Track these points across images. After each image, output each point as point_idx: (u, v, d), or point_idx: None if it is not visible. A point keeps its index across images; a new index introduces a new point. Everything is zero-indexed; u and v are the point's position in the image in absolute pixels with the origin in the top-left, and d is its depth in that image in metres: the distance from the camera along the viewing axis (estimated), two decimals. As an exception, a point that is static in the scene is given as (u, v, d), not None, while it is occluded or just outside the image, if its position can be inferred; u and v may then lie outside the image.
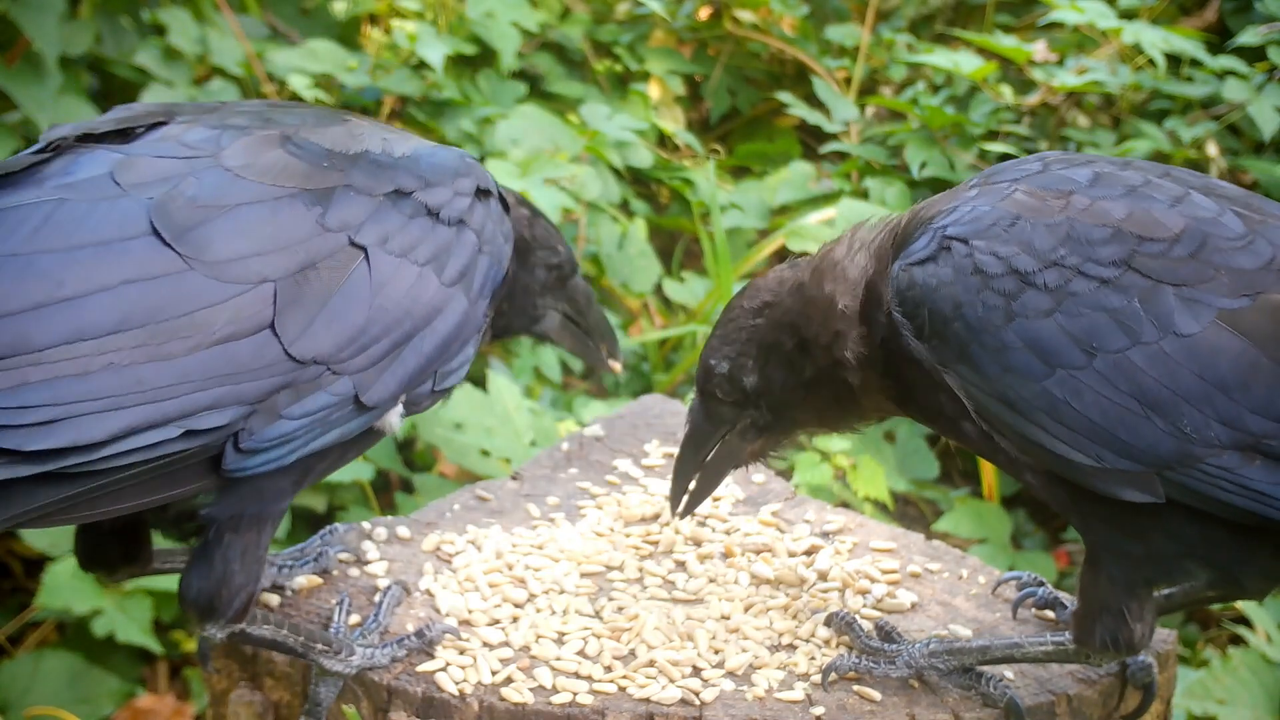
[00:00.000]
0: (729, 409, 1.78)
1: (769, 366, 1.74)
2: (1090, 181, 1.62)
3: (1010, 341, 1.55)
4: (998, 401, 1.57)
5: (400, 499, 3.31)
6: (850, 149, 4.37)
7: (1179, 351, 1.52)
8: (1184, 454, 1.51)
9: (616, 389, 3.92)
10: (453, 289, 1.67)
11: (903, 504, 3.64)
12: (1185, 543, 1.57)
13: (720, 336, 1.77)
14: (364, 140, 1.67)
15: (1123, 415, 1.53)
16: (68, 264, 1.44)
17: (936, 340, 1.60)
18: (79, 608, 3.06)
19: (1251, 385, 1.50)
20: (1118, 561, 1.61)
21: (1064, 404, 1.54)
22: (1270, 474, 1.50)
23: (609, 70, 4.68)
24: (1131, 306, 1.53)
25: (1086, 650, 1.66)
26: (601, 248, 4.05)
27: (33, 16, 3.41)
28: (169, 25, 3.92)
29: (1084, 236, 1.56)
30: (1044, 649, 1.69)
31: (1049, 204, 1.60)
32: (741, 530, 2.03)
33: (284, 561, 1.90)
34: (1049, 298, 1.55)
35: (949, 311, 1.58)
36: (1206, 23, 4.87)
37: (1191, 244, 1.55)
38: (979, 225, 1.60)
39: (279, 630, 1.70)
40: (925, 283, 1.60)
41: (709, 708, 1.66)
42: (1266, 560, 1.58)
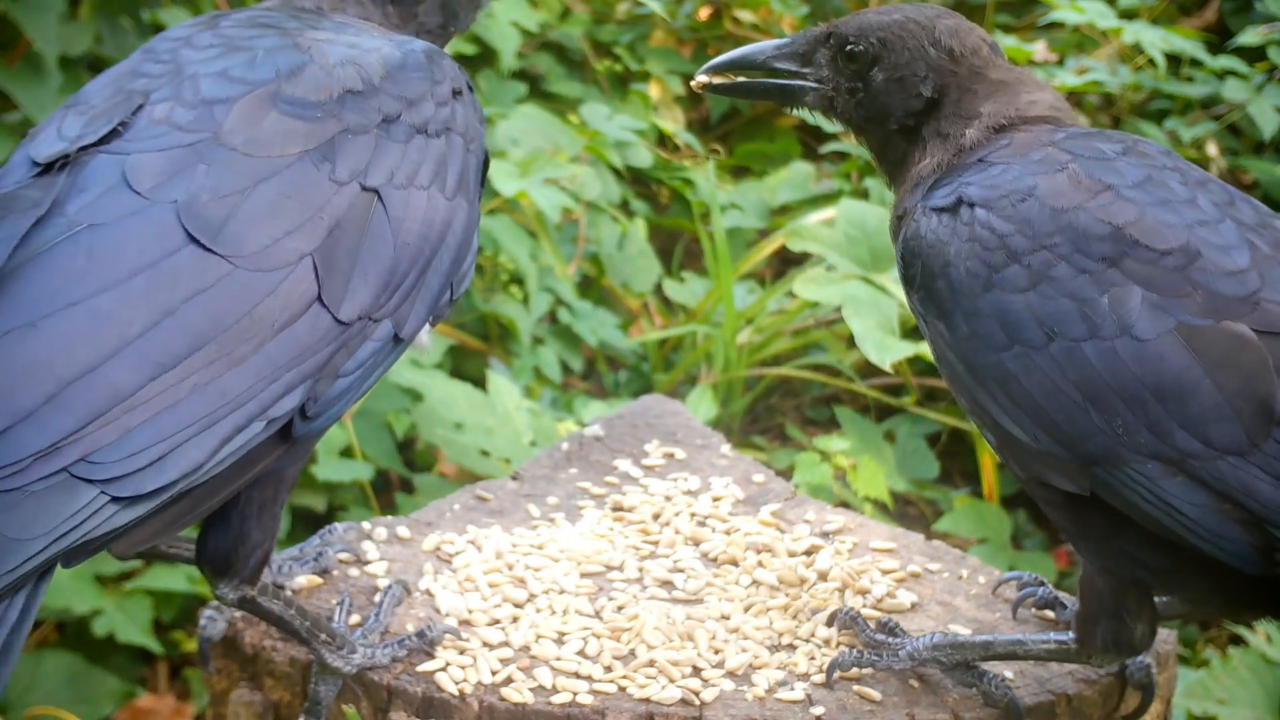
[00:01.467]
0: (829, 69, 1.81)
1: (896, 83, 1.78)
2: (1136, 182, 1.63)
3: (982, 309, 1.59)
4: (961, 362, 1.62)
5: (400, 499, 3.31)
6: (850, 149, 4.37)
7: (1129, 352, 1.53)
8: (1111, 452, 1.53)
9: (616, 389, 3.92)
10: (455, 200, 1.68)
11: (903, 504, 3.64)
12: (1121, 541, 1.59)
13: (899, 28, 1.78)
14: (335, 73, 1.64)
15: (1064, 401, 1.55)
16: (129, 300, 1.42)
17: (923, 291, 1.65)
18: (79, 608, 3.06)
19: (1188, 402, 1.51)
20: (1076, 544, 1.65)
21: (1014, 378, 1.57)
22: (1187, 492, 1.50)
23: (609, 70, 4.68)
24: (1099, 300, 1.55)
25: (1088, 651, 1.67)
26: (601, 248, 4.05)
27: (33, 16, 3.41)
28: (169, 25, 3.92)
29: (1083, 229, 1.58)
30: (1047, 647, 1.70)
31: (1079, 192, 1.61)
32: (741, 530, 2.03)
33: (283, 561, 1.90)
34: (1028, 276, 1.58)
35: (937, 268, 1.63)
36: (1206, 23, 4.87)
37: (1182, 260, 1.56)
38: (994, 193, 1.63)
39: (288, 609, 1.70)
40: (926, 235, 1.66)
41: (709, 708, 1.66)
42: (1189, 576, 1.59)
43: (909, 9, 1.81)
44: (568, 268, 3.89)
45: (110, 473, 1.37)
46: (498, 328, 3.81)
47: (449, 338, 3.59)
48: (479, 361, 3.71)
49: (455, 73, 1.76)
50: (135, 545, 1.47)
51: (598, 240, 4.05)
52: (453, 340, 3.63)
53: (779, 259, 4.29)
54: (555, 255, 3.83)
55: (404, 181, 1.62)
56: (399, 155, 1.63)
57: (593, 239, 4.06)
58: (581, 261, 4.01)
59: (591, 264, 4.05)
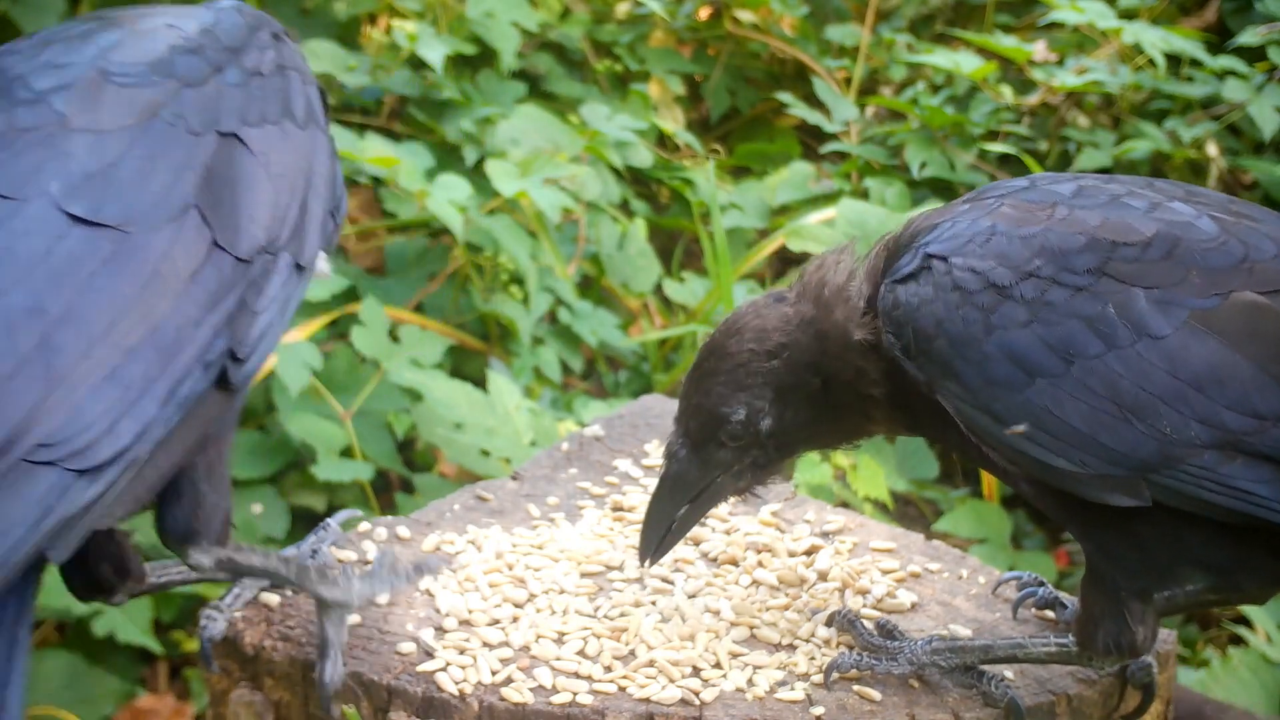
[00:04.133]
0: (730, 454, 1.74)
1: (788, 407, 1.72)
2: (1073, 194, 1.64)
3: (991, 353, 1.56)
4: (983, 414, 1.58)
5: (400, 499, 3.31)
6: (850, 149, 4.37)
7: (1153, 353, 1.53)
8: (1165, 455, 1.52)
9: (616, 389, 3.92)
10: (309, 129, 1.73)
11: (903, 504, 3.64)
12: (1179, 546, 1.58)
13: (729, 382, 1.72)
14: (156, 37, 1.68)
15: (1103, 420, 1.53)
16: (38, 291, 1.46)
17: (922, 358, 1.61)
18: (79, 608, 3.06)
19: (1226, 382, 1.51)
20: (1116, 567, 1.61)
21: (1045, 412, 1.55)
22: (1250, 471, 1.51)
23: (609, 70, 4.68)
24: (1106, 312, 1.54)
25: (1089, 654, 1.66)
26: (601, 248, 4.05)
27: (33, 17, 3.41)
28: (169, 25, 3.91)
29: (1058, 246, 1.57)
30: (1047, 650, 1.69)
31: (1034, 215, 1.61)
32: (741, 530, 2.03)
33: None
34: (1025, 309, 1.56)
35: (931, 329, 1.60)
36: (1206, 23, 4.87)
37: (1164, 247, 1.57)
38: (958, 241, 1.62)
39: (268, 559, 1.73)
40: (908, 301, 1.62)
41: (709, 708, 1.66)
42: (1261, 560, 1.59)
43: (709, 355, 1.74)
44: (568, 268, 3.89)
45: (68, 449, 1.41)
46: (498, 328, 3.81)
47: (449, 338, 3.59)
48: (479, 361, 3.71)
49: (269, 20, 1.81)
50: (110, 521, 1.54)
51: (598, 240, 4.05)
52: (453, 340, 3.63)
53: (779, 259, 4.29)
54: (555, 255, 3.83)
55: (256, 120, 1.67)
56: (241, 99, 1.67)
57: (593, 239, 4.06)
58: (581, 261, 4.01)
59: (591, 264, 4.05)
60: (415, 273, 3.90)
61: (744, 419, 1.72)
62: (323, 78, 4.07)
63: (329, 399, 3.33)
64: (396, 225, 3.97)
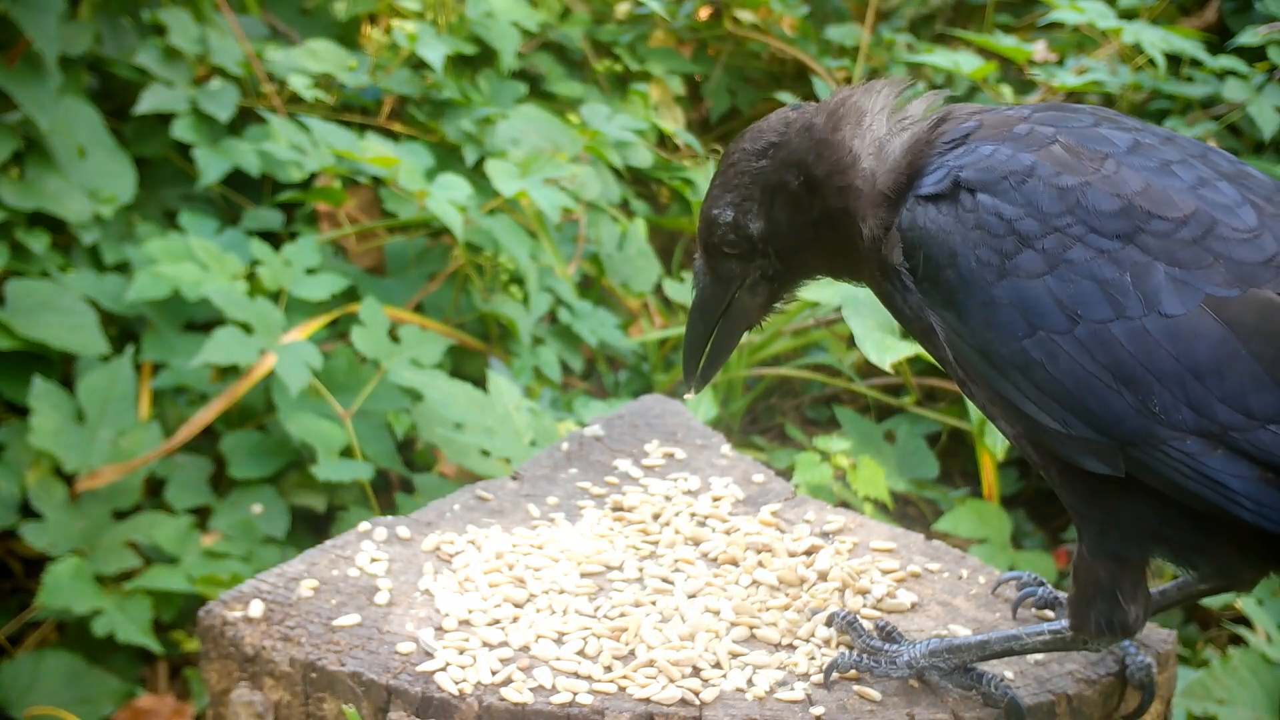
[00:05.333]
0: (736, 262, 1.74)
1: (775, 208, 1.70)
2: (1128, 149, 1.60)
3: (998, 297, 1.55)
4: (976, 353, 1.57)
5: (400, 499, 3.31)
6: (850, 149, 4.36)
7: (1160, 330, 1.51)
8: (1148, 432, 1.51)
9: (616, 389, 3.92)
10: None
11: (903, 504, 3.64)
12: (1142, 516, 1.58)
13: (721, 184, 1.72)
14: None
15: (1094, 385, 1.52)
16: None
17: (928, 283, 1.60)
18: (79, 608, 3.06)
19: (1226, 375, 1.50)
20: (1083, 522, 1.61)
21: (1039, 366, 1.54)
22: (1229, 465, 1.50)
23: (609, 70, 4.68)
24: (1122, 280, 1.52)
25: (1083, 636, 1.65)
26: (601, 248, 4.05)
27: (33, 16, 3.41)
28: (169, 25, 3.92)
29: (1093, 206, 1.55)
30: (1042, 639, 1.69)
31: (1080, 164, 1.57)
32: (741, 530, 2.03)
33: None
34: (1044, 260, 1.54)
35: (943, 259, 1.58)
36: (1206, 23, 4.87)
37: (1198, 228, 1.54)
38: (993, 175, 1.58)
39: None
40: (925, 226, 1.60)
41: (709, 708, 1.66)
42: (1219, 545, 1.58)
43: (719, 164, 1.75)
44: (568, 268, 3.89)
45: None
46: (498, 328, 3.81)
47: (449, 338, 3.59)
48: (479, 361, 3.71)
49: None
50: None
51: (598, 240, 4.05)
52: (453, 340, 3.63)
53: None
54: (555, 255, 3.83)
55: None
56: None
57: (593, 239, 4.06)
58: (581, 261, 4.01)
59: (591, 264, 4.05)
60: (415, 273, 3.90)
61: (732, 221, 1.72)
62: (323, 78, 4.07)
63: (329, 399, 3.33)
64: (396, 225, 3.97)
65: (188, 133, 3.82)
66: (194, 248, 3.50)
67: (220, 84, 3.94)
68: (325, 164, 3.73)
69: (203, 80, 4.00)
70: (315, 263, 3.59)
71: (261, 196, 4.05)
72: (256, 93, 4.06)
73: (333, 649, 1.76)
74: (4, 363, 3.39)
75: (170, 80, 3.89)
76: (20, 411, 3.38)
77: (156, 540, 3.21)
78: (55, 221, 3.64)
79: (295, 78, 4.01)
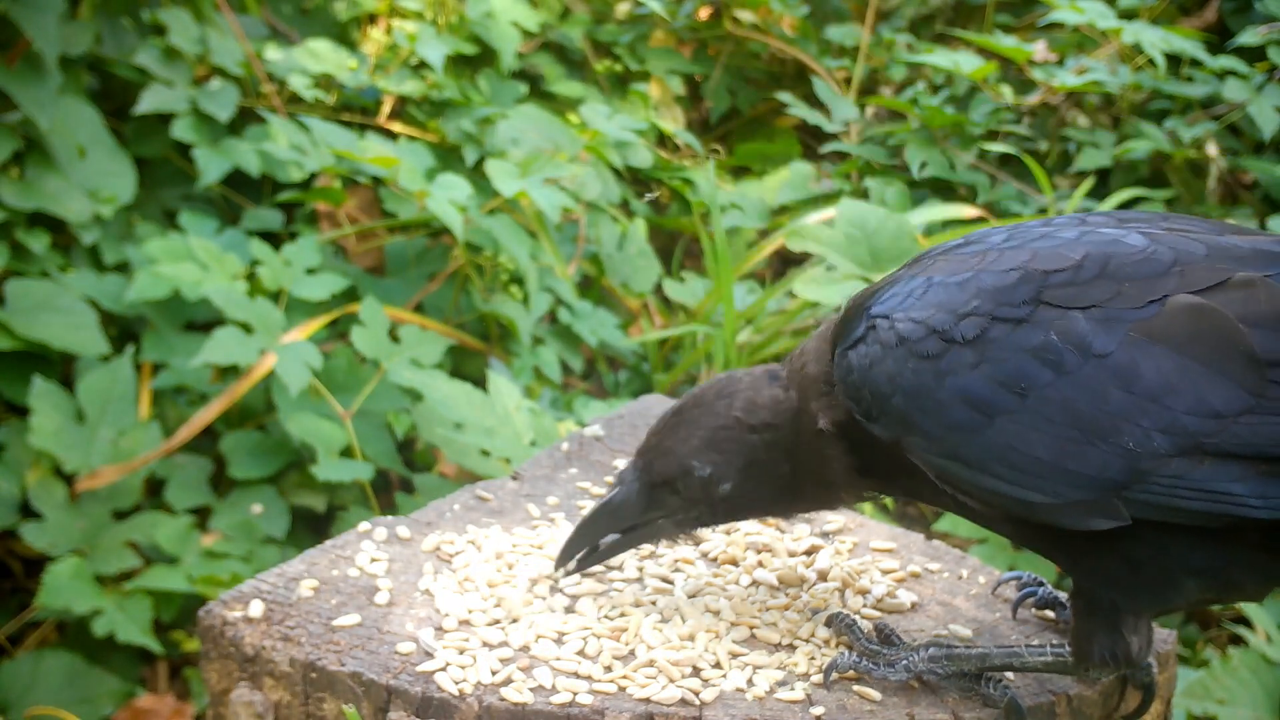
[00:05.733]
0: (678, 502, 1.77)
1: (750, 480, 1.75)
2: (1004, 239, 1.67)
3: (945, 400, 1.57)
4: (951, 460, 1.59)
5: (400, 499, 3.31)
6: (850, 149, 4.37)
7: (1103, 372, 1.53)
8: (1134, 471, 1.52)
9: (616, 389, 3.93)
10: None
11: (903, 504, 3.64)
12: (1169, 556, 1.58)
13: (705, 440, 1.75)
14: None
15: (1067, 447, 1.54)
16: None
17: (883, 417, 1.62)
18: (79, 608, 3.06)
19: (1179, 388, 1.52)
20: (1112, 590, 1.62)
21: (1010, 449, 1.55)
22: (1220, 471, 1.51)
23: (609, 70, 4.68)
24: (1049, 340, 1.55)
25: (1085, 665, 1.66)
26: (601, 248, 4.05)
27: (33, 16, 3.41)
28: (169, 25, 3.92)
29: (992, 285, 1.59)
30: (1043, 660, 1.69)
31: (965, 263, 1.64)
32: (741, 530, 2.02)
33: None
34: (971, 350, 1.57)
35: (885, 387, 1.61)
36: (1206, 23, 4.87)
37: (1095, 267, 1.58)
38: (897, 299, 1.64)
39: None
40: (859, 364, 1.64)
41: (709, 708, 1.66)
42: (1250, 555, 1.59)
43: (695, 406, 1.76)
44: (568, 268, 3.89)
45: None
46: (498, 328, 3.81)
47: (449, 338, 3.59)
48: (479, 361, 3.71)
49: None
50: None
51: (598, 240, 4.05)
52: (453, 340, 3.63)
53: (779, 259, 4.29)
54: (555, 255, 3.83)
55: None
56: None
57: (593, 239, 4.06)
58: (581, 261, 4.02)
59: (591, 264, 4.05)
60: (415, 273, 3.91)
61: (707, 478, 1.75)
62: (323, 78, 4.07)
63: (329, 399, 3.33)
64: (396, 225, 3.97)
65: (188, 133, 3.82)
66: (194, 248, 3.51)
67: (220, 84, 3.94)
68: (325, 164, 3.73)
69: (203, 80, 4.00)
70: (315, 263, 3.59)
71: (261, 196, 4.05)
72: (256, 93, 4.06)
73: (333, 649, 1.76)
74: (4, 363, 3.39)
75: (170, 80, 3.89)
76: (20, 411, 3.38)
77: (156, 540, 3.22)
78: (55, 221, 3.64)
79: (295, 78, 4.01)
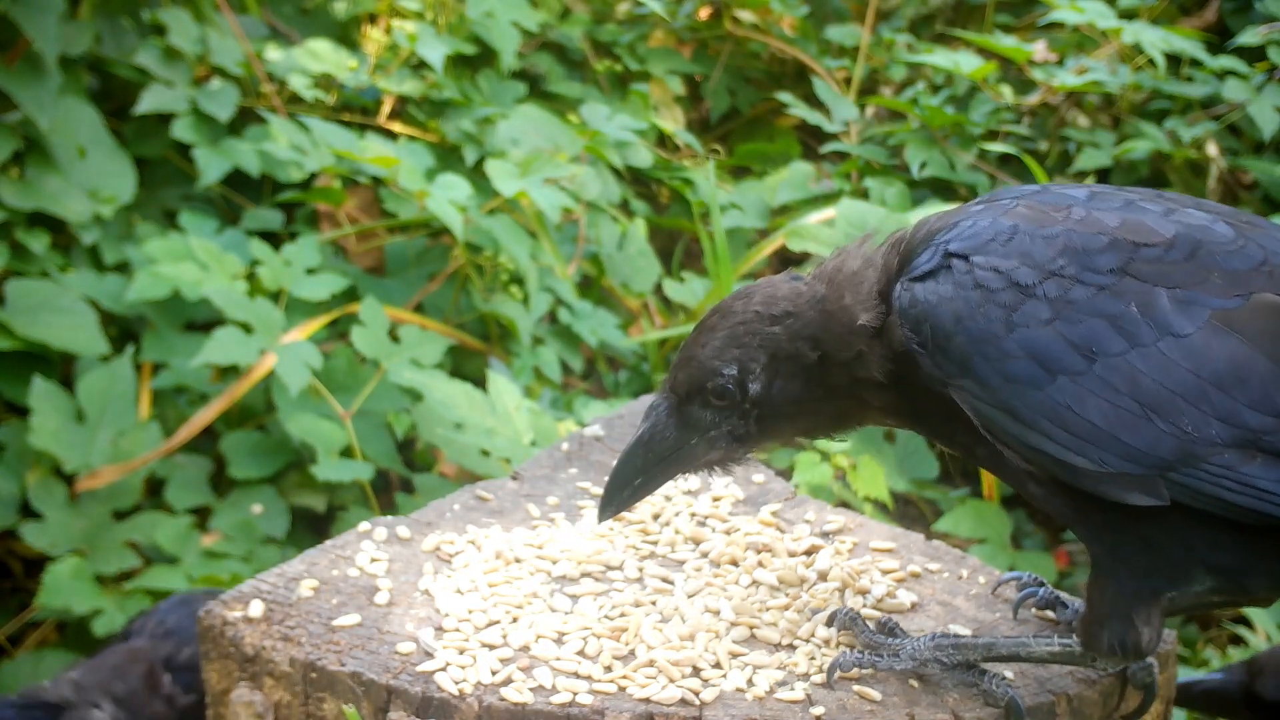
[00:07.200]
0: (710, 414, 1.74)
1: (779, 377, 1.71)
2: (1088, 197, 1.65)
3: (1011, 351, 1.57)
4: (1001, 412, 1.58)
5: (400, 499, 3.31)
6: (850, 149, 4.37)
7: (1176, 351, 1.53)
8: (1186, 454, 1.52)
9: (616, 389, 3.93)
10: None
11: (903, 504, 3.64)
12: (1191, 547, 1.58)
13: (727, 338, 1.72)
14: None
15: (1124, 418, 1.54)
16: None
17: (940, 355, 1.61)
18: (79, 608, 3.06)
19: (1247, 381, 1.52)
20: (1125, 569, 1.61)
21: (1066, 409, 1.55)
22: (1271, 471, 1.52)
23: (609, 70, 4.68)
24: (1129, 311, 1.55)
25: (1094, 654, 1.66)
26: (601, 248, 4.05)
27: (33, 16, 3.41)
28: (169, 25, 3.92)
29: (1081, 246, 1.58)
30: (1050, 650, 1.69)
31: (1050, 216, 1.62)
32: (741, 530, 2.02)
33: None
34: (1048, 307, 1.56)
35: (950, 326, 1.59)
36: (1206, 23, 4.87)
37: (1185, 249, 1.58)
38: (979, 240, 1.62)
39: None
40: (926, 299, 1.62)
41: (709, 708, 1.66)
42: (1272, 562, 1.59)
43: (714, 314, 1.74)
44: (568, 268, 3.89)
45: None
46: (498, 328, 3.81)
47: (449, 338, 3.59)
48: (479, 361, 3.71)
49: None
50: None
51: (598, 240, 4.05)
52: (453, 340, 3.63)
53: (779, 259, 4.29)
54: (555, 255, 3.83)
55: None
56: None
57: (593, 239, 4.06)
58: (581, 261, 4.01)
59: (591, 264, 4.05)
60: (415, 273, 3.90)
61: (734, 377, 1.71)
62: (323, 78, 4.07)
63: (329, 399, 3.33)
64: (396, 225, 3.97)
65: (188, 133, 3.82)
66: (194, 248, 3.51)
67: (220, 84, 3.94)
68: (325, 164, 3.73)
69: (203, 80, 4.00)
70: (315, 263, 3.59)
71: (261, 196, 4.05)
72: (256, 93, 4.06)
73: (333, 649, 1.76)
74: (4, 363, 3.39)
75: (170, 80, 3.89)
76: (20, 411, 3.38)
77: (156, 540, 3.22)
78: (55, 221, 3.64)
79: (295, 78, 4.01)
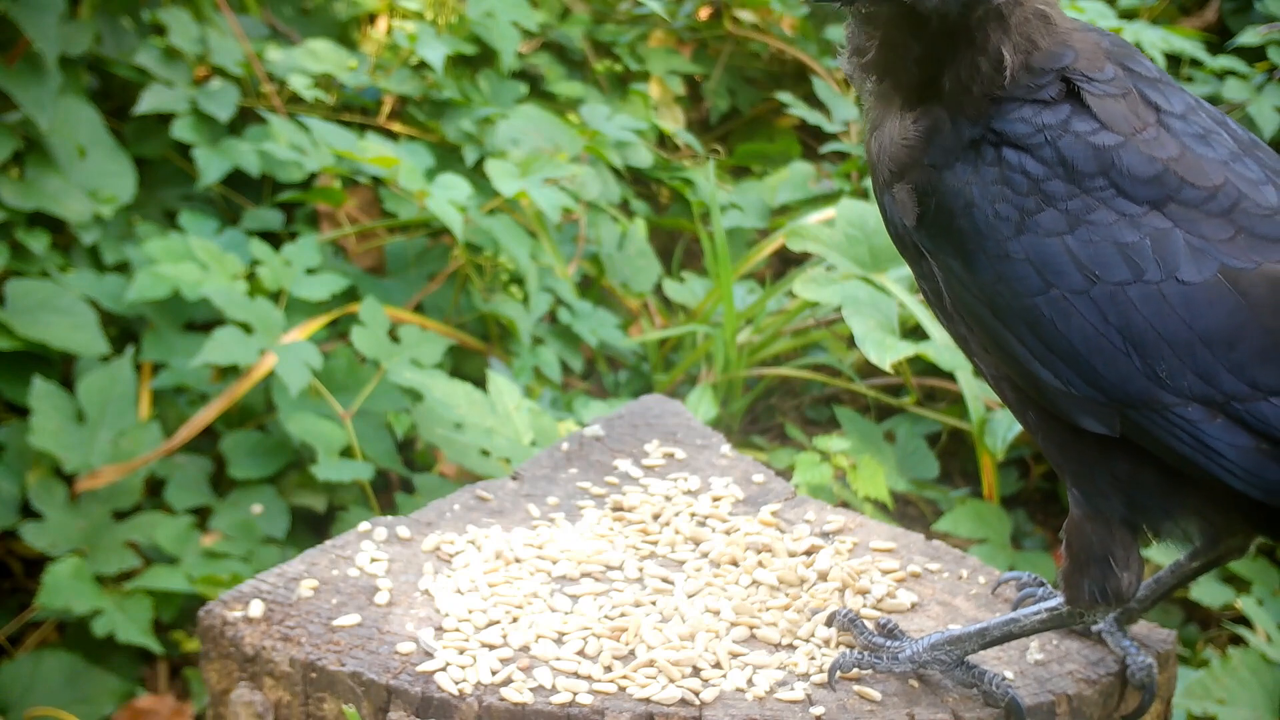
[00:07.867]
0: None
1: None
2: (1181, 112, 1.59)
3: (1013, 252, 1.54)
4: (983, 305, 1.56)
5: (400, 499, 3.31)
6: (850, 149, 4.37)
7: (1176, 296, 1.52)
8: (1151, 396, 1.52)
9: (616, 389, 3.93)
10: None
11: (903, 504, 3.64)
12: (1116, 475, 1.58)
13: None
14: None
15: (1103, 346, 1.53)
16: None
17: (935, 229, 1.57)
18: (79, 608, 3.06)
19: (1236, 345, 1.51)
20: (1065, 480, 1.62)
21: (1049, 323, 1.53)
22: (1228, 434, 1.51)
23: (609, 70, 4.68)
24: (1142, 243, 1.52)
25: (1079, 608, 1.66)
26: (601, 248, 4.05)
27: (33, 16, 3.41)
28: (169, 25, 3.92)
29: (1128, 170, 1.54)
30: (1039, 618, 1.70)
31: (1129, 122, 1.55)
32: (741, 530, 2.03)
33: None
34: (1066, 220, 1.53)
35: (957, 209, 1.56)
36: (1206, 23, 4.87)
37: (1225, 201, 1.55)
38: (1027, 130, 1.55)
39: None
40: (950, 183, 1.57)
41: (709, 708, 1.66)
42: (1180, 509, 1.60)
43: None
44: (568, 268, 3.89)
45: None
46: (498, 328, 3.81)
47: (449, 338, 3.59)
48: (479, 361, 3.71)
49: None
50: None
51: (598, 240, 4.05)
52: (453, 340, 3.63)
53: (779, 259, 4.29)
54: (555, 255, 3.83)
55: None
56: None
57: (593, 239, 4.06)
58: (581, 261, 4.01)
59: (591, 264, 4.05)
60: (415, 273, 3.90)
61: None
62: (323, 78, 4.07)
63: (329, 399, 3.33)
64: (396, 225, 3.97)
65: (188, 133, 3.82)
66: (194, 248, 3.51)
67: (220, 84, 3.94)
68: (325, 164, 3.73)
69: (203, 80, 4.00)
70: (315, 263, 3.59)
71: (261, 196, 4.05)
72: (256, 93, 4.06)
73: (333, 649, 1.76)
74: (4, 363, 3.39)
75: (170, 80, 3.89)
76: (20, 411, 3.38)
77: (156, 540, 3.22)
78: (55, 221, 3.64)
79: (295, 78, 4.01)
